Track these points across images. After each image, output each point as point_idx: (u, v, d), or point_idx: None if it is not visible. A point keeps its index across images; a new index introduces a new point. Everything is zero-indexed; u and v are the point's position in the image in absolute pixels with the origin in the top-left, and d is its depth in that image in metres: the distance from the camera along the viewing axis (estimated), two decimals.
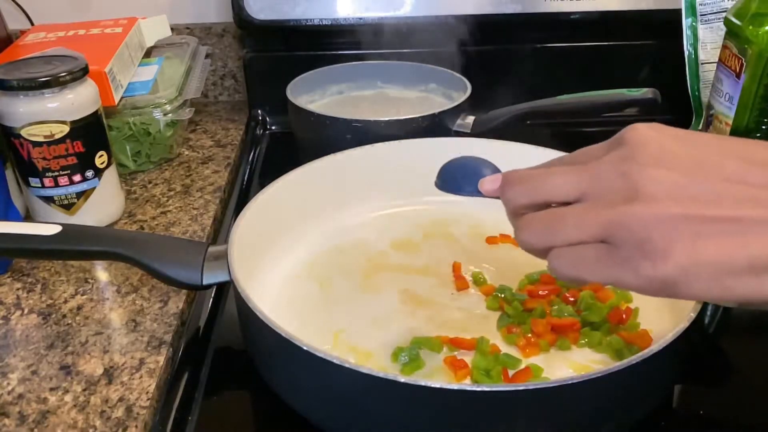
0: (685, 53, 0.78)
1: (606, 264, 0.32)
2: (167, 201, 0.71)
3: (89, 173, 0.63)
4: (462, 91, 0.78)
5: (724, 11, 0.74)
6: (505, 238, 0.61)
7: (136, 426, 0.44)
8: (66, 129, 0.60)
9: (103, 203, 0.65)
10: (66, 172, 0.62)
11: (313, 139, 0.76)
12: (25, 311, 0.54)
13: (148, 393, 0.46)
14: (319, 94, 0.85)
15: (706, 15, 0.77)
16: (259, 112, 0.92)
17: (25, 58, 0.64)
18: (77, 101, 0.60)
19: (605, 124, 0.87)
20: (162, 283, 0.52)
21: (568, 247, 0.34)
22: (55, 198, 0.62)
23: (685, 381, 0.49)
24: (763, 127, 0.66)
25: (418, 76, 0.85)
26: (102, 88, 0.65)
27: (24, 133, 0.59)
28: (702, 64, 0.79)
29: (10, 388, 0.47)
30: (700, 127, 0.76)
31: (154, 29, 0.84)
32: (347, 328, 0.52)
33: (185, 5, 0.94)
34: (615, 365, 0.38)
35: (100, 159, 0.63)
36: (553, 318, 0.51)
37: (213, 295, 0.58)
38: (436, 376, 0.47)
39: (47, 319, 0.53)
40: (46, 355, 0.50)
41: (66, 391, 0.46)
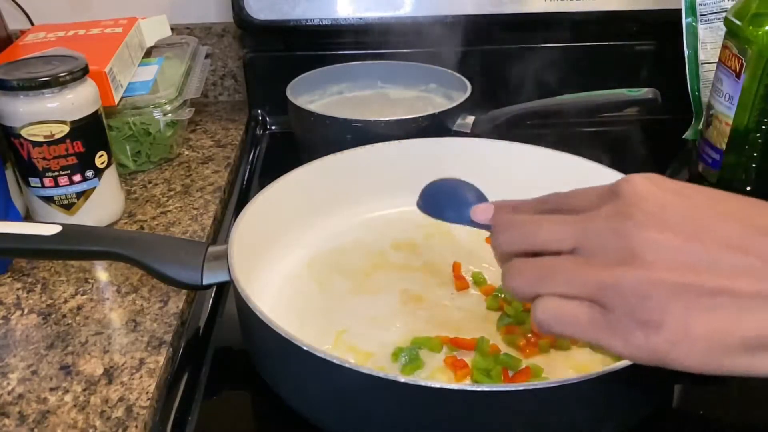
0: (685, 53, 0.79)
1: (595, 327, 0.32)
2: (167, 201, 0.71)
3: (89, 173, 0.63)
4: (462, 91, 0.78)
5: (724, 11, 0.74)
6: None
7: (136, 426, 0.44)
8: (66, 129, 0.60)
9: (103, 203, 0.65)
10: (66, 172, 0.62)
11: (313, 139, 0.76)
12: (25, 311, 0.54)
13: (148, 393, 0.46)
14: (319, 94, 0.85)
15: (706, 15, 0.77)
16: (259, 112, 0.92)
17: (25, 58, 0.64)
18: (77, 101, 0.60)
19: (605, 124, 0.88)
20: (162, 283, 0.51)
21: (556, 301, 0.33)
22: (55, 198, 0.62)
23: (685, 381, 0.48)
24: (763, 127, 0.66)
25: (418, 76, 0.85)
26: (102, 88, 0.65)
27: (24, 133, 0.59)
28: (702, 64, 0.79)
29: (10, 388, 0.47)
30: (700, 126, 0.76)
31: (154, 29, 0.84)
32: (347, 328, 0.52)
33: (185, 5, 0.94)
34: (615, 365, 0.38)
35: (100, 159, 0.63)
36: None
37: (213, 295, 0.58)
38: (436, 376, 0.47)
39: (47, 319, 0.53)
40: (46, 355, 0.50)
41: (66, 391, 0.46)
